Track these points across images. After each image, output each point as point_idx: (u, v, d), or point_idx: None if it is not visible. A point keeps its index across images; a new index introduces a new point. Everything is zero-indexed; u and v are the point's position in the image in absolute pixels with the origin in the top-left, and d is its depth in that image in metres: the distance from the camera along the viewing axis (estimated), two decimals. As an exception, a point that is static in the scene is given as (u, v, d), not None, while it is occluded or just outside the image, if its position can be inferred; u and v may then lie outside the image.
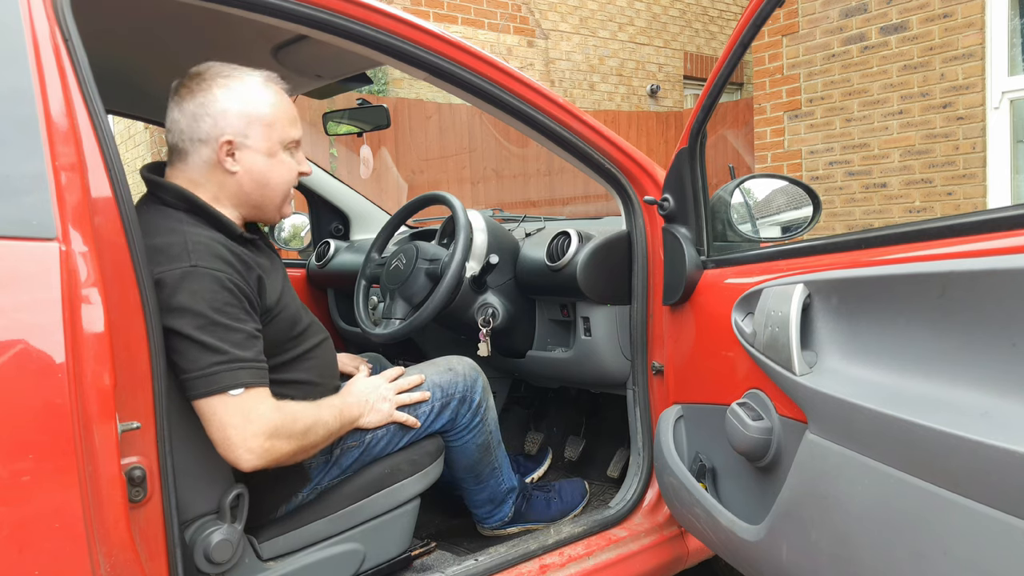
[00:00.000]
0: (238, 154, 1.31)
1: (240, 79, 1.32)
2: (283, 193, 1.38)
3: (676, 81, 10.15)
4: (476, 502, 1.77)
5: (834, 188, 5.23)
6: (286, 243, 2.91)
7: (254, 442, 1.19)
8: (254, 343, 1.23)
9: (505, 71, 1.53)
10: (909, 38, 4.75)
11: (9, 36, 0.97)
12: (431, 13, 7.84)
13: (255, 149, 1.32)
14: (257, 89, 1.32)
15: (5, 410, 0.88)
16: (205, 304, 1.17)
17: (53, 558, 0.91)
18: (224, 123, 1.29)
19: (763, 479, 1.30)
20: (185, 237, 1.22)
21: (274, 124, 1.33)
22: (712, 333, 1.46)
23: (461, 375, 1.61)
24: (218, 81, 1.30)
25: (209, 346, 1.16)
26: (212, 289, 1.19)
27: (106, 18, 1.40)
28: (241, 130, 1.30)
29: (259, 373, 1.21)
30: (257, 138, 1.31)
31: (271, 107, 1.32)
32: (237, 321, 1.21)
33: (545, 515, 1.87)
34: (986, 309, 0.88)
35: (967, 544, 0.86)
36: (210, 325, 1.17)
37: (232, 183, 1.32)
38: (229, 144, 1.30)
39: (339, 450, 1.43)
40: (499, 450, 1.73)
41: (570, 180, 7.92)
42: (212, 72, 1.31)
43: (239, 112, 1.29)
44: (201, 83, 1.29)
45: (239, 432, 1.18)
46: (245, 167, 1.32)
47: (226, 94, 1.29)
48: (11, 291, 0.91)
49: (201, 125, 1.28)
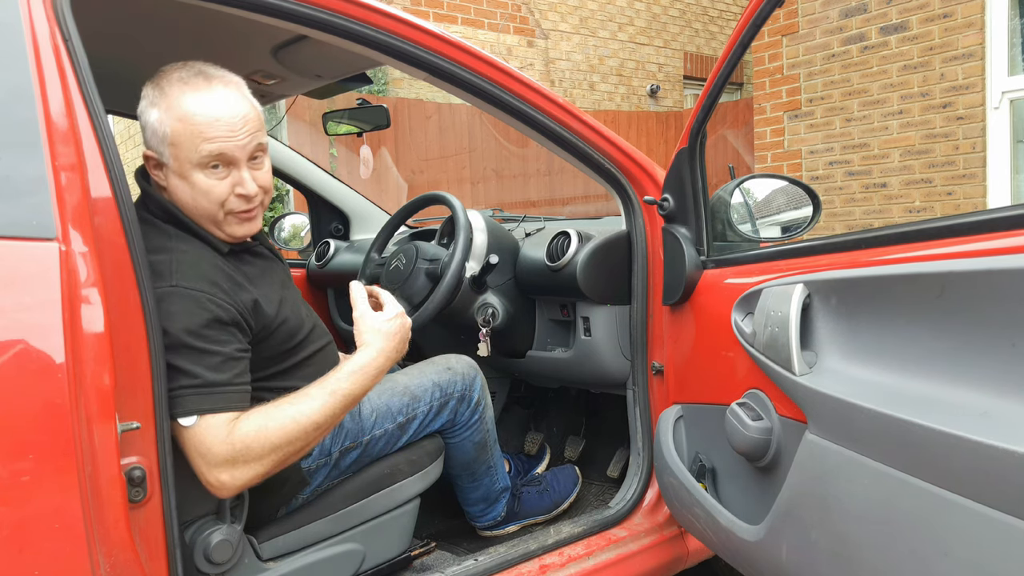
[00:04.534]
0: (164, 170, 1.24)
1: (161, 87, 1.21)
2: (208, 216, 1.24)
3: (676, 81, 10.15)
4: (470, 500, 1.77)
5: (834, 188, 5.23)
6: (286, 243, 2.91)
7: (210, 476, 1.14)
8: (233, 365, 1.18)
9: (505, 71, 1.53)
10: (909, 38, 4.74)
11: (9, 36, 0.97)
12: (431, 13, 7.83)
13: (170, 168, 1.22)
14: (172, 100, 1.19)
15: (5, 410, 0.88)
16: (178, 326, 1.13)
17: (53, 558, 0.91)
18: (147, 136, 1.22)
19: (763, 479, 1.30)
20: (172, 255, 1.19)
21: (178, 143, 1.19)
22: (712, 333, 1.46)
23: (460, 374, 1.61)
24: (148, 89, 1.23)
25: (174, 367, 1.12)
26: (189, 311, 1.15)
27: (106, 18, 1.40)
28: (155, 146, 1.22)
29: (219, 398, 1.15)
30: (168, 156, 1.21)
31: (177, 121, 1.19)
32: (214, 343, 1.16)
33: (540, 507, 1.87)
34: (986, 309, 0.88)
35: (967, 544, 0.86)
36: (180, 347, 1.13)
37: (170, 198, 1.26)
38: (152, 159, 1.24)
39: (337, 452, 1.42)
40: (495, 449, 1.73)
41: (570, 180, 7.92)
42: (153, 80, 1.23)
43: (151, 128, 1.21)
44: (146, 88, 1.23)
45: (197, 465, 1.14)
46: (169, 185, 1.24)
47: (147, 106, 1.22)
48: (11, 291, 0.91)
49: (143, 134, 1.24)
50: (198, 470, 1.15)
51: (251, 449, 1.16)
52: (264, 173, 1.28)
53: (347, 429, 1.43)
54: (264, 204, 1.31)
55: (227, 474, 1.14)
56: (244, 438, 1.15)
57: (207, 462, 1.14)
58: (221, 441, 1.14)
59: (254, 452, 1.16)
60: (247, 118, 1.23)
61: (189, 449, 1.14)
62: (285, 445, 1.18)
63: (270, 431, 1.17)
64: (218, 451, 1.14)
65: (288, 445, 1.19)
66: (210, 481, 1.15)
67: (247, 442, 1.15)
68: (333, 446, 1.42)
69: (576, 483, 1.97)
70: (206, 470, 1.14)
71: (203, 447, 1.13)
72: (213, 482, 1.15)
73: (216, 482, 1.15)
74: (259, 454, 1.16)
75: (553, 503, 1.90)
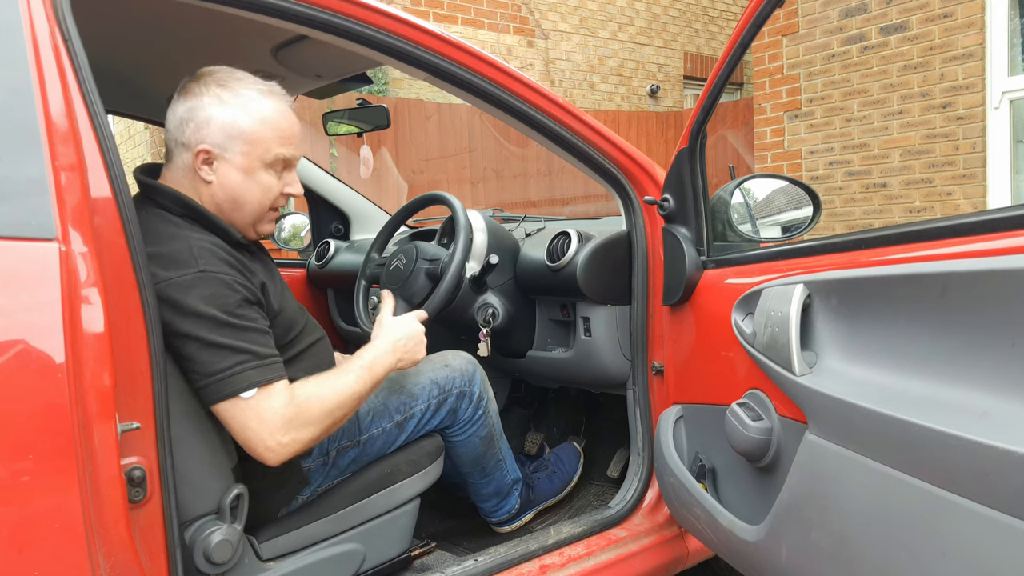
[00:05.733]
0: (215, 164, 1.28)
1: (234, 89, 1.28)
2: (255, 212, 1.33)
3: (676, 81, 10.15)
4: (482, 496, 1.78)
5: (834, 188, 5.23)
6: (286, 243, 2.91)
7: (271, 440, 1.20)
8: (268, 339, 1.25)
9: (505, 71, 1.53)
10: (909, 38, 4.74)
11: (9, 36, 0.97)
12: (431, 13, 7.83)
13: (232, 163, 1.28)
14: (249, 102, 1.28)
15: (5, 410, 0.88)
16: (217, 308, 1.17)
17: (53, 558, 0.91)
18: (205, 132, 1.26)
19: (763, 479, 1.30)
20: (189, 243, 1.22)
21: (257, 141, 1.28)
22: (712, 333, 1.46)
23: (458, 370, 1.62)
24: (212, 88, 1.27)
25: (224, 347, 1.17)
26: (222, 293, 1.19)
27: (106, 18, 1.40)
28: (220, 142, 1.27)
29: (272, 368, 1.22)
30: (235, 152, 1.27)
31: (259, 123, 1.28)
32: (249, 320, 1.22)
33: (551, 490, 1.92)
34: (986, 309, 0.87)
35: (966, 545, 0.86)
36: (224, 327, 1.17)
37: (206, 192, 1.29)
38: (206, 154, 1.27)
39: (335, 451, 1.43)
40: (502, 441, 1.74)
41: (570, 180, 7.92)
42: (213, 77, 1.29)
43: (221, 123, 1.26)
44: (198, 87, 1.28)
45: (256, 433, 1.19)
46: (219, 179, 1.29)
47: (214, 103, 1.26)
48: (11, 291, 0.91)
49: (185, 129, 1.27)
50: (258, 438, 1.19)
51: (311, 411, 1.25)
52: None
53: (344, 428, 1.43)
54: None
55: (289, 436, 1.21)
56: (306, 400, 1.25)
57: (270, 428, 1.20)
58: (284, 404, 1.21)
59: (313, 415, 1.25)
60: (301, 131, 1.37)
61: (249, 420, 1.19)
62: (336, 410, 1.28)
63: (325, 397, 1.27)
64: (282, 413, 1.21)
65: (338, 410, 1.29)
66: (271, 445, 1.20)
67: (308, 404, 1.25)
68: (330, 445, 1.42)
69: (579, 458, 2.02)
70: (268, 435, 1.20)
71: (267, 413, 1.20)
72: (274, 445, 1.20)
73: (277, 445, 1.21)
74: (317, 417, 1.25)
75: (563, 483, 1.95)
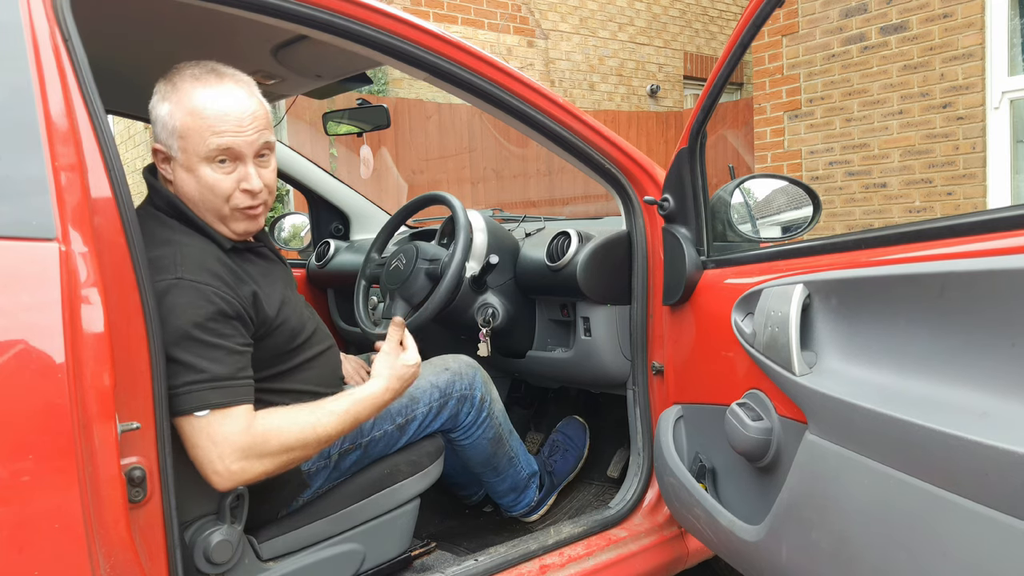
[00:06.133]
0: (172, 163, 1.26)
1: (173, 82, 1.24)
2: (213, 211, 1.26)
3: (676, 81, 10.14)
4: (499, 493, 1.79)
5: (834, 188, 5.23)
6: (286, 243, 2.91)
7: (219, 464, 1.15)
8: (236, 359, 1.19)
9: (505, 71, 1.53)
10: (909, 38, 4.74)
11: (9, 36, 0.97)
12: (431, 13, 7.83)
13: (178, 162, 1.24)
14: (181, 95, 1.22)
15: (5, 410, 0.88)
16: (184, 319, 1.14)
17: (53, 558, 0.91)
18: (156, 131, 1.25)
19: (763, 479, 1.30)
20: (177, 248, 1.21)
21: (187, 135, 1.21)
22: (712, 333, 1.46)
23: (458, 374, 1.61)
24: (160, 86, 1.25)
25: (183, 363, 1.13)
26: (194, 304, 1.16)
27: (106, 18, 1.40)
28: (164, 140, 1.24)
29: (233, 391, 1.17)
30: (176, 150, 1.24)
31: (187, 114, 1.21)
32: (218, 336, 1.17)
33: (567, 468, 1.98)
34: (985, 309, 0.88)
35: (966, 545, 0.86)
36: (186, 340, 1.14)
37: (174, 192, 1.28)
38: (161, 153, 1.26)
39: (337, 454, 1.42)
40: (512, 439, 1.75)
41: (570, 180, 7.91)
42: (166, 76, 1.26)
43: (162, 122, 1.24)
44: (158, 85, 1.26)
45: (205, 454, 1.15)
46: (175, 179, 1.26)
47: (158, 101, 1.24)
48: (11, 291, 0.91)
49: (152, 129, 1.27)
50: (207, 459, 1.15)
51: (268, 444, 1.19)
52: (270, 172, 1.30)
53: (346, 431, 1.43)
54: (268, 204, 1.32)
55: (239, 465, 1.16)
56: (265, 432, 1.19)
57: (220, 452, 1.15)
58: (241, 431, 1.16)
59: (270, 448, 1.19)
60: (255, 115, 1.26)
61: (199, 439, 1.15)
62: (297, 448, 1.22)
63: (288, 432, 1.21)
64: (236, 440, 1.16)
65: (299, 450, 1.23)
66: (218, 470, 1.15)
67: (267, 437, 1.19)
68: (332, 448, 1.41)
69: (585, 430, 2.07)
70: (217, 458, 1.15)
71: (218, 436, 1.15)
72: (221, 470, 1.15)
73: (225, 471, 1.15)
74: (274, 451, 1.19)
75: (576, 458, 2.01)
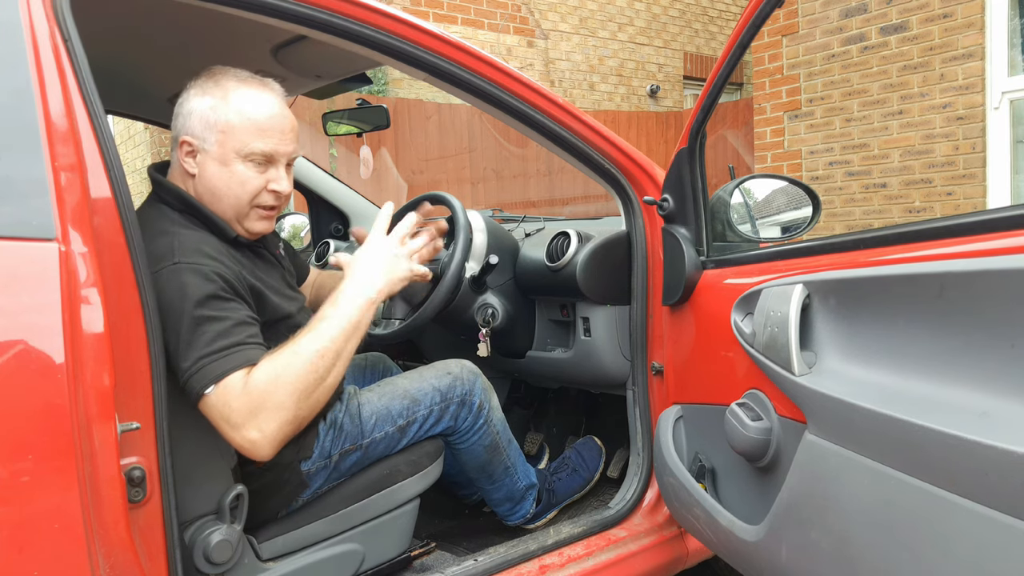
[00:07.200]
0: (198, 156, 1.30)
1: (218, 82, 1.30)
2: (234, 206, 1.31)
3: (676, 81, 10.14)
4: (494, 501, 1.79)
5: (834, 188, 5.23)
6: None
7: (238, 437, 1.14)
8: (245, 328, 1.20)
9: (505, 71, 1.53)
10: (909, 38, 4.74)
11: (9, 36, 0.97)
12: (431, 13, 7.83)
13: (209, 154, 1.29)
14: (229, 93, 1.29)
15: (5, 410, 0.88)
16: (188, 300, 1.16)
17: (53, 558, 0.91)
18: (188, 123, 1.29)
19: (762, 479, 1.30)
20: (174, 238, 1.23)
21: (231, 132, 1.28)
22: (712, 333, 1.46)
23: (459, 379, 1.61)
24: (200, 82, 1.31)
25: (190, 343, 1.15)
26: (193, 283, 1.17)
27: (106, 18, 1.40)
28: (199, 132, 1.29)
29: (226, 360, 1.15)
30: (211, 143, 1.28)
31: (235, 114, 1.28)
32: (221, 311, 1.18)
33: (573, 488, 1.92)
34: (985, 309, 0.87)
35: (966, 545, 0.86)
36: (191, 320, 1.15)
37: (192, 186, 1.32)
38: (189, 145, 1.30)
39: (337, 455, 1.42)
40: (510, 449, 1.73)
41: (570, 180, 7.92)
42: (207, 74, 1.32)
43: (200, 113, 1.28)
44: (191, 83, 1.31)
45: (226, 432, 1.15)
46: (200, 171, 1.30)
47: (197, 95, 1.29)
48: (11, 291, 0.91)
49: (176, 122, 1.31)
50: (228, 438, 1.15)
51: (270, 395, 1.15)
52: (289, 180, 1.36)
53: (347, 432, 1.44)
54: (280, 209, 1.37)
55: (254, 429, 1.14)
56: (259, 385, 1.14)
57: (232, 424, 1.14)
58: (238, 396, 1.13)
59: (275, 398, 1.15)
60: (294, 126, 1.35)
61: (215, 419, 1.15)
62: (299, 381, 1.17)
63: (280, 373, 1.16)
64: (237, 406, 1.13)
65: (301, 380, 1.17)
66: (242, 444, 1.14)
67: (264, 388, 1.14)
68: (333, 449, 1.42)
69: (601, 454, 2.02)
70: (234, 433, 1.14)
71: (225, 409, 1.14)
72: (245, 444, 1.14)
73: (248, 443, 1.14)
74: (280, 399, 1.15)
75: (584, 480, 1.95)
